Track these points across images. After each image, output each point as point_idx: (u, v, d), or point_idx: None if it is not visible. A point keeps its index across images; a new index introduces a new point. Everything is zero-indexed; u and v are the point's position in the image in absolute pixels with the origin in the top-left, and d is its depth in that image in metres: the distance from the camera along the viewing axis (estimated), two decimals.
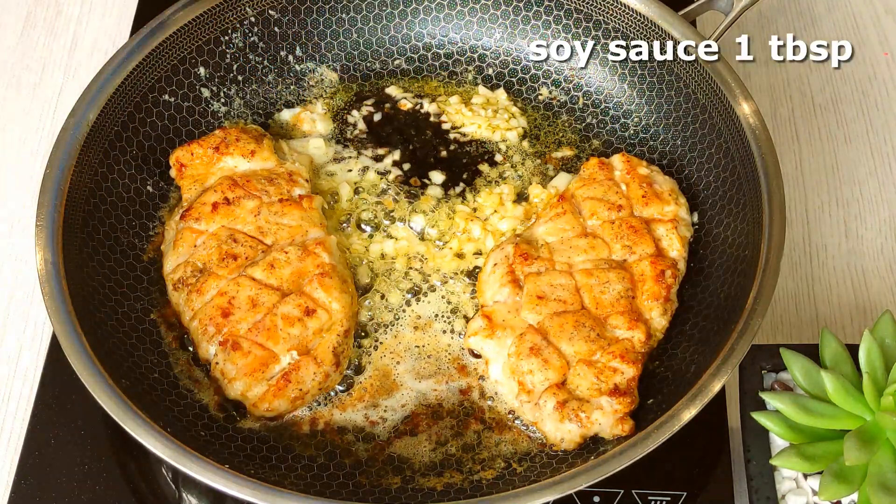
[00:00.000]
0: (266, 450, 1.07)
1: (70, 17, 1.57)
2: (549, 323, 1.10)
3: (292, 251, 1.14)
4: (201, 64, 1.28)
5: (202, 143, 1.22)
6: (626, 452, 0.99)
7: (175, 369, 1.12)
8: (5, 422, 1.20)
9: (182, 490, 1.12)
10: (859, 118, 1.47)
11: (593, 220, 1.19)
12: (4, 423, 1.20)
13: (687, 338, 1.13)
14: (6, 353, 1.25)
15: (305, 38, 1.35)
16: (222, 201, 1.17)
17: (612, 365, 1.07)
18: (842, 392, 0.99)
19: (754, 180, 1.15)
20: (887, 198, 1.39)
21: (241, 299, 1.10)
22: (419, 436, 1.09)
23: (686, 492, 1.11)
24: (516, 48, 1.38)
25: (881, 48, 1.54)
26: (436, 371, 1.13)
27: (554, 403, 1.06)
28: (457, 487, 1.05)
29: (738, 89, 1.20)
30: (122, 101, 1.20)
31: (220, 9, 1.27)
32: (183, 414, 1.07)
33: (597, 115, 1.34)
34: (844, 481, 0.97)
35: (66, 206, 1.11)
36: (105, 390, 0.99)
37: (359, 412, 1.10)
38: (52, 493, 1.11)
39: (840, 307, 1.29)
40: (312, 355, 1.09)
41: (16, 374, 1.24)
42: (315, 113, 1.34)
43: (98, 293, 1.10)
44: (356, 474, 1.06)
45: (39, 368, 1.20)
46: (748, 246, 1.12)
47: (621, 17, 1.29)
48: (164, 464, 1.05)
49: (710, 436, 1.14)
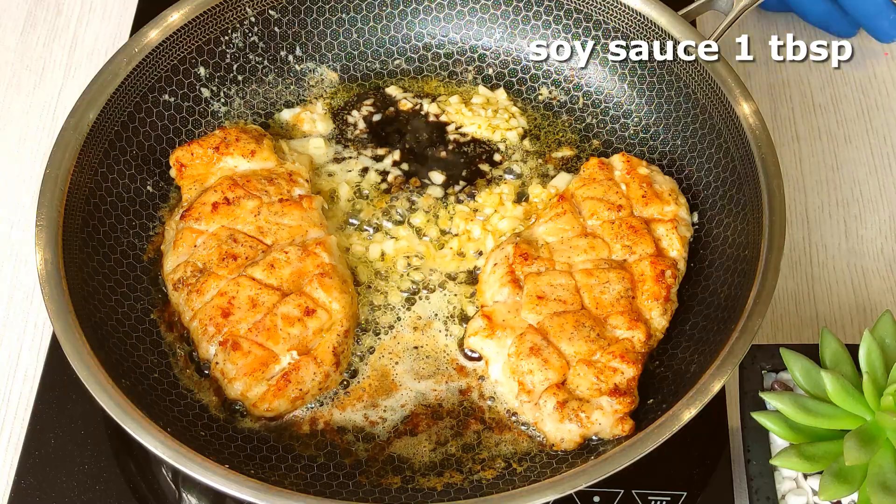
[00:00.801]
0: (266, 450, 1.07)
1: (70, 17, 1.57)
2: (549, 323, 1.10)
3: (292, 251, 1.14)
4: (201, 64, 1.28)
5: (202, 143, 1.22)
6: (626, 452, 0.99)
7: (175, 369, 1.12)
8: (5, 422, 1.21)
9: (182, 490, 1.12)
10: (859, 118, 1.47)
11: (593, 219, 1.19)
12: (4, 424, 1.21)
13: (687, 338, 1.14)
14: (6, 353, 1.25)
15: (305, 38, 1.35)
16: (222, 201, 1.17)
17: (612, 365, 1.07)
18: (842, 392, 0.99)
19: (754, 180, 1.15)
20: (887, 198, 1.39)
21: (241, 299, 1.10)
22: (419, 436, 1.09)
23: (686, 492, 1.11)
24: (516, 48, 1.38)
25: (881, 48, 1.54)
26: (435, 371, 1.14)
27: (554, 403, 1.06)
28: (457, 487, 1.05)
29: (738, 89, 1.20)
30: (122, 101, 1.21)
31: (220, 9, 1.28)
32: (183, 414, 1.07)
33: (597, 115, 1.34)
34: (844, 481, 0.97)
35: (66, 206, 1.11)
36: (105, 391, 1.00)
37: (358, 412, 1.11)
38: (52, 493, 1.12)
39: (840, 307, 1.30)
40: (312, 355, 1.09)
41: (16, 374, 1.24)
42: (315, 113, 1.34)
43: (98, 293, 1.11)
44: (356, 474, 1.06)
45: (39, 368, 1.20)
46: (748, 246, 1.13)
47: (621, 16, 1.30)
48: (164, 464, 1.05)
49: (710, 436, 1.15)
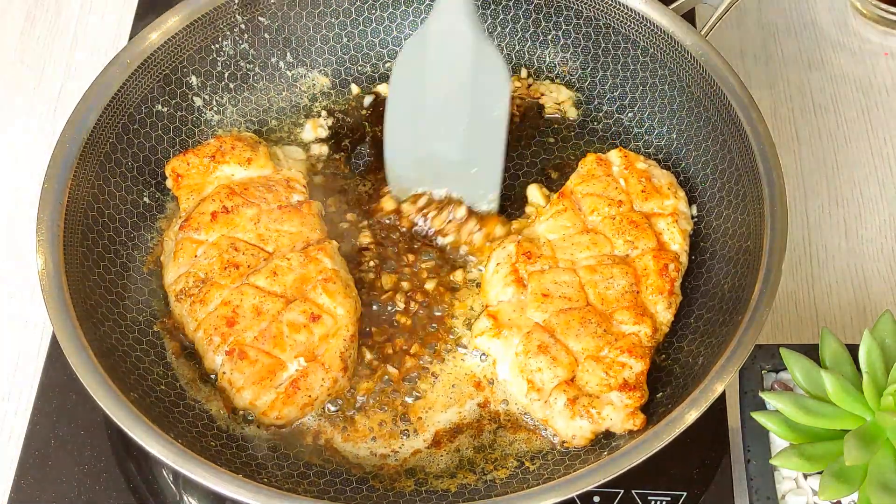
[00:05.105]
0: (277, 457, 1.08)
1: (70, 17, 1.57)
2: (555, 320, 1.11)
3: (294, 257, 1.14)
4: (193, 73, 1.29)
5: (197, 153, 1.22)
6: (639, 448, 0.99)
7: (181, 381, 1.12)
8: (5, 421, 1.21)
9: (182, 491, 1.12)
10: (859, 118, 1.48)
11: (594, 216, 1.19)
12: (4, 423, 1.21)
13: (692, 330, 1.15)
14: (6, 353, 1.26)
15: (296, 44, 1.35)
16: (221, 210, 1.17)
17: (621, 360, 1.08)
18: (842, 392, 0.99)
19: (753, 171, 1.16)
20: (887, 198, 1.40)
21: (245, 308, 1.11)
22: (440, 448, 1.10)
23: (686, 492, 1.11)
24: (507, 46, 1.38)
25: (881, 48, 1.54)
26: (458, 398, 1.13)
27: (564, 400, 1.07)
28: (471, 488, 1.06)
29: (734, 81, 1.21)
30: (115, 112, 1.21)
31: (210, 17, 1.28)
32: (192, 425, 1.08)
33: (591, 112, 1.34)
34: (844, 481, 0.98)
35: (65, 220, 1.11)
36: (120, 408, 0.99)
37: (376, 454, 1.10)
38: (52, 493, 1.13)
39: (840, 307, 1.30)
40: (320, 361, 1.10)
41: (16, 374, 1.24)
42: (308, 118, 1.34)
43: (101, 306, 1.11)
44: (369, 479, 1.07)
45: (39, 368, 1.21)
46: (750, 236, 1.13)
47: (612, 12, 1.30)
48: (165, 465, 1.05)
49: (710, 436, 1.15)
